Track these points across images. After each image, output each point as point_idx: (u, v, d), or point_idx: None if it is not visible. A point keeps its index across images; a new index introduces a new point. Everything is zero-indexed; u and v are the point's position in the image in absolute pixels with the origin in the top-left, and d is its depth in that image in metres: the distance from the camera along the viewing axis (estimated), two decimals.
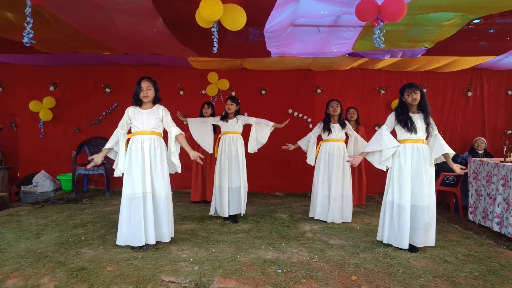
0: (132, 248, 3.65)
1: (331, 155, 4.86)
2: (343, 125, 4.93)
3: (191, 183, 5.94)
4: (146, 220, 3.61)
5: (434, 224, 3.74)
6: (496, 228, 4.38)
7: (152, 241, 3.62)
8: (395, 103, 6.71)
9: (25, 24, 2.85)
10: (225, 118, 4.91)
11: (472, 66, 6.26)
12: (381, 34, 3.25)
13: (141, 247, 3.64)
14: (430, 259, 3.52)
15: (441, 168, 5.68)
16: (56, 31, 4.21)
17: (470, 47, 4.98)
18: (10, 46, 4.87)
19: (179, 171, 3.93)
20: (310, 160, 5.01)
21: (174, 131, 3.82)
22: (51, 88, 6.85)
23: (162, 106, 3.84)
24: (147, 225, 3.61)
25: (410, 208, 3.69)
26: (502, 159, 4.76)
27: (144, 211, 3.60)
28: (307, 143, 5.03)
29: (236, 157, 4.78)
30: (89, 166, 3.79)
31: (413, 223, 3.70)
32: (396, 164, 3.79)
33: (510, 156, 4.77)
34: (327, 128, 4.91)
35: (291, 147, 5.02)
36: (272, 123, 5.00)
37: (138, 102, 3.76)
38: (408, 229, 3.68)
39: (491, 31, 4.22)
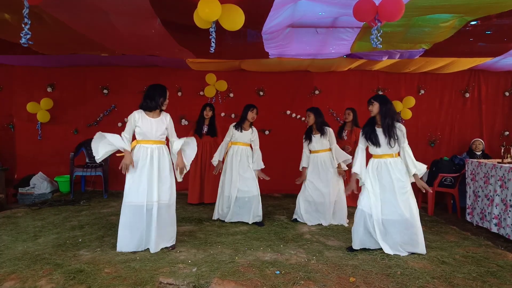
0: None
1: (315, 166, 4.83)
2: (322, 133, 4.81)
3: (188, 185, 5.93)
4: (151, 229, 3.61)
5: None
6: (494, 229, 4.39)
7: (153, 249, 3.61)
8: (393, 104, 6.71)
9: (23, 25, 2.85)
10: (240, 127, 4.83)
11: (469, 67, 6.28)
12: (378, 35, 3.26)
13: None
14: (428, 260, 3.52)
15: (439, 169, 5.70)
16: (54, 32, 4.20)
17: (468, 48, 5.00)
18: (7, 47, 4.86)
19: (179, 180, 3.96)
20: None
21: (176, 144, 3.84)
22: (49, 90, 6.83)
23: (168, 115, 3.86)
24: (151, 233, 3.61)
25: (384, 222, 3.68)
26: (500, 160, 4.77)
27: (150, 220, 3.61)
28: (307, 159, 4.93)
29: (249, 169, 4.78)
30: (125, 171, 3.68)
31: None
32: (367, 179, 3.79)
33: (507, 157, 4.78)
34: (308, 138, 4.90)
35: (304, 176, 4.90)
36: (256, 165, 4.83)
37: (152, 108, 3.73)
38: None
39: (489, 32, 4.24)
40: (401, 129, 3.72)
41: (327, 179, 4.78)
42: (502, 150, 4.87)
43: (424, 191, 3.72)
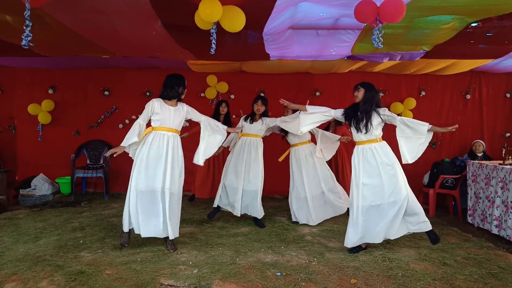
0: (122, 244, 3.71)
1: (298, 160, 4.88)
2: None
3: (199, 178, 5.85)
4: (166, 216, 3.66)
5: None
6: (495, 230, 4.38)
7: (172, 235, 3.69)
8: (394, 105, 6.72)
9: (24, 27, 2.85)
10: (250, 118, 4.80)
11: (470, 69, 6.27)
12: (380, 35, 3.26)
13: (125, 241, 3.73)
14: (430, 262, 3.52)
15: (440, 170, 5.69)
16: (55, 34, 4.21)
17: (469, 50, 5.00)
18: (9, 49, 4.87)
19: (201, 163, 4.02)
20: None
21: (207, 120, 4.05)
22: (50, 91, 6.83)
23: (185, 104, 3.96)
24: (166, 220, 3.67)
25: (369, 209, 3.71)
26: (501, 161, 4.77)
27: (164, 207, 3.67)
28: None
29: (255, 162, 4.71)
30: (108, 154, 3.72)
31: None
32: (354, 170, 3.83)
33: (508, 158, 4.78)
34: (285, 131, 4.90)
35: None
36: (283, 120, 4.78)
37: (172, 97, 3.81)
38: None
39: (489, 34, 4.24)
40: (384, 113, 3.75)
41: (309, 171, 4.81)
42: (503, 152, 4.88)
43: (454, 129, 3.68)
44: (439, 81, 6.85)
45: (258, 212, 4.69)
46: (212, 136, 4.03)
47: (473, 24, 3.92)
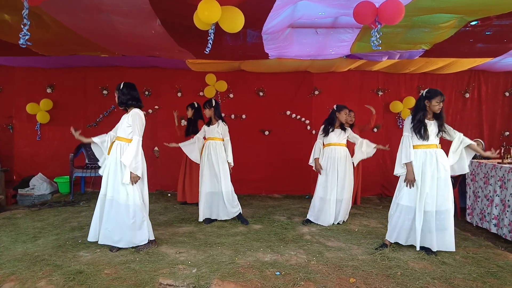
0: (111, 249, 3.70)
1: (333, 160, 4.82)
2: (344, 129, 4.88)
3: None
4: (103, 221, 3.71)
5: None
6: (493, 229, 4.38)
7: (99, 240, 3.71)
8: (393, 104, 6.71)
9: (22, 26, 2.84)
10: (209, 123, 4.92)
11: (469, 67, 6.28)
12: (378, 37, 3.26)
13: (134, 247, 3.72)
14: (429, 261, 3.52)
15: None
16: (54, 33, 4.19)
17: (468, 49, 5.00)
18: (7, 48, 4.85)
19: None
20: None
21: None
22: (48, 90, 6.82)
23: (134, 110, 3.79)
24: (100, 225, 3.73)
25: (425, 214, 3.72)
26: (500, 160, 4.77)
27: (102, 212, 3.73)
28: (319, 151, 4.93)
29: (216, 164, 4.74)
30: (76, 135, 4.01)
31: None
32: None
33: (507, 157, 4.78)
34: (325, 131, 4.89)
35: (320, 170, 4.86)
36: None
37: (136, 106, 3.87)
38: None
39: (488, 33, 4.24)
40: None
41: (341, 174, 4.78)
42: (502, 151, 4.87)
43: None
44: (438, 80, 6.85)
45: (228, 213, 4.79)
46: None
47: (472, 23, 3.92)
